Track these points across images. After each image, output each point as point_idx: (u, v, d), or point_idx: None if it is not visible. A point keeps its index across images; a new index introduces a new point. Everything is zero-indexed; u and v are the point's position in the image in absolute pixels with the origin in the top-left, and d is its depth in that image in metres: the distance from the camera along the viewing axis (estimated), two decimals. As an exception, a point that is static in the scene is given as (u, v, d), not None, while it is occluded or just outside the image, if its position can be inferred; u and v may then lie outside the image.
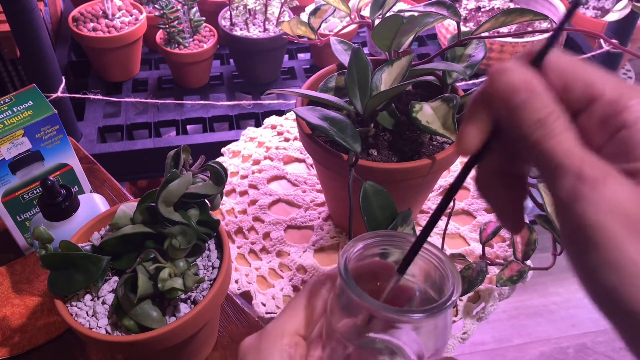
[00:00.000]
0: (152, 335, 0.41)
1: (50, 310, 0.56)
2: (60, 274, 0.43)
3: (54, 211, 0.49)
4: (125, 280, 0.43)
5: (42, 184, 0.48)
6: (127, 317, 0.42)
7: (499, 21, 0.55)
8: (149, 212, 0.44)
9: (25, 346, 0.54)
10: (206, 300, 0.42)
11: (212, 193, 0.44)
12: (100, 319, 0.43)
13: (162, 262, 0.43)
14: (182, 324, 0.41)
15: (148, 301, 0.42)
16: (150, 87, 1.14)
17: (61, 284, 0.43)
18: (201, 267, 0.46)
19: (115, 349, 0.43)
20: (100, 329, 0.42)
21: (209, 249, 0.47)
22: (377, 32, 0.55)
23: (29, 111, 0.54)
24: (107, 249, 0.44)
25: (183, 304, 0.44)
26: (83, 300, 0.44)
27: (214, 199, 0.45)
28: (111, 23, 1.05)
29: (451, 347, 0.58)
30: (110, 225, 0.46)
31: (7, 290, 0.58)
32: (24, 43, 0.83)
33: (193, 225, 0.43)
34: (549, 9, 1.20)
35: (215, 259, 0.46)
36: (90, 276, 0.43)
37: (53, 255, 0.42)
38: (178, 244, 0.43)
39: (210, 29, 1.09)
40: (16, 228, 0.59)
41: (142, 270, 0.42)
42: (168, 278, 0.41)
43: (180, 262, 0.43)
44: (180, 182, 0.42)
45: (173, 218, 0.42)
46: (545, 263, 0.57)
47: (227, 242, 0.46)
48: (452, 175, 0.73)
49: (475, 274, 0.56)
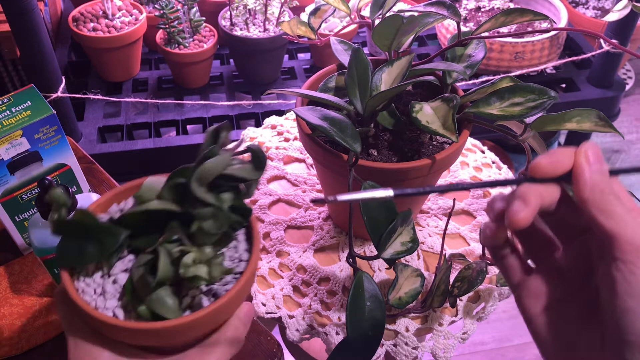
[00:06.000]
0: (164, 326, 0.36)
1: (48, 310, 0.56)
2: (71, 243, 0.39)
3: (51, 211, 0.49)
4: (144, 261, 0.39)
5: (39, 183, 0.48)
6: (140, 302, 0.38)
7: (499, 21, 0.55)
8: (178, 190, 0.40)
9: (23, 346, 0.54)
10: (230, 295, 0.38)
11: (250, 178, 0.40)
12: (109, 300, 0.38)
13: (187, 246, 0.38)
14: (199, 318, 0.37)
15: (166, 288, 0.38)
16: (150, 87, 1.13)
17: (71, 254, 0.38)
18: (227, 258, 0.41)
19: (119, 335, 0.37)
20: (107, 310, 0.38)
21: (237, 240, 0.43)
22: (377, 32, 0.55)
23: (28, 111, 0.54)
24: (127, 223, 0.40)
25: (203, 297, 0.39)
26: (92, 277, 0.39)
27: (251, 185, 0.41)
28: (111, 23, 1.05)
29: (451, 347, 0.58)
30: (134, 197, 0.41)
31: (6, 290, 0.58)
32: (24, 43, 0.83)
33: (226, 210, 0.39)
34: (548, 9, 1.19)
35: (243, 251, 0.42)
36: (104, 249, 0.38)
37: (66, 221, 0.38)
38: (208, 228, 0.38)
39: (210, 29, 1.09)
40: (14, 228, 0.59)
41: (164, 251, 0.38)
42: (192, 264, 0.37)
43: (207, 249, 0.39)
44: (219, 161, 0.38)
45: (206, 199, 0.38)
46: (546, 263, 0.57)
47: (258, 234, 0.42)
48: (452, 175, 0.73)
49: (475, 274, 0.56)
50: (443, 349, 0.57)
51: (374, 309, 0.47)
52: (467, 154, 0.77)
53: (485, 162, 0.76)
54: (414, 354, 0.57)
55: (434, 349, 0.57)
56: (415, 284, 0.54)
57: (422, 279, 0.55)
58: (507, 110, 0.50)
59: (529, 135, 0.52)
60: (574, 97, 1.15)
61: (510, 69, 1.08)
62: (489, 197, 0.71)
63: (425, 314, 0.58)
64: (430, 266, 0.63)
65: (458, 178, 0.73)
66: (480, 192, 0.71)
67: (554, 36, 1.07)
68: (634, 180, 1.63)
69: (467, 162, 0.76)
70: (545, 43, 1.07)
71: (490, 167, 0.76)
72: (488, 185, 0.35)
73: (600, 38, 0.57)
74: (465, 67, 0.57)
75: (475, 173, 0.74)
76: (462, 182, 0.33)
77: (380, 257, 0.48)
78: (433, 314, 0.58)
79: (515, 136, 0.52)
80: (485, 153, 0.78)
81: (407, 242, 0.49)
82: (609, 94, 1.16)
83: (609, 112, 1.20)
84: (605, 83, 1.16)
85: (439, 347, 0.57)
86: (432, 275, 0.61)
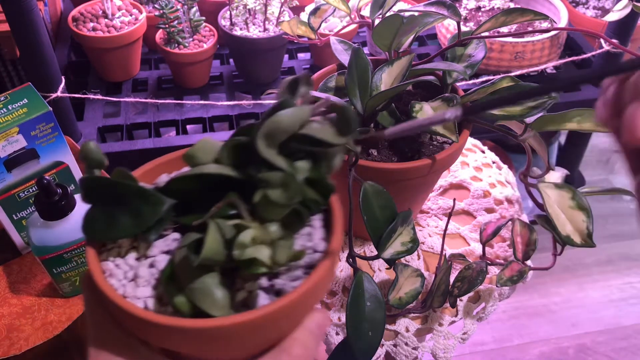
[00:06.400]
0: (205, 325, 0.26)
1: (47, 310, 0.56)
2: (102, 211, 0.30)
3: (50, 210, 0.49)
4: (190, 240, 0.29)
5: (37, 182, 0.47)
6: (179, 292, 0.29)
7: (499, 21, 0.55)
8: (241, 152, 0.31)
9: (22, 346, 0.54)
10: (297, 294, 0.28)
11: (335, 143, 0.30)
12: (141, 287, 0.30)
13: (246, 220, 0.29)
14: (253, 321, 0.27)
15: (214, 274, 0.29)
16: (150, 87, 1.13)
17: (99, 224, 0.30)
18: (297, 247, 0.32)
19: (148, 333, 0.29)
20: (138, 300, 0.29)
21: (312, 226, 0.33)
22: (377, 32, 0.55)
23: (24, 109, 0.54)
24: (174, 192, 0.31)
25: (262, 293, 0.29)
26: (125, 257, 0.31)
27: (335, 155, 0.32)
28: (111, 23, 1.05)
29: (451, 347, 0.58)
30: (183, 158, 0.32)
31: (4, 290, 0.58)
32: (24, 43, 0.83)
33: (300, 180, 0.30)
34: (549, 8, 1.19)
35: (319, 240, 0.32)
36: (141, 221, 0.30)
37: (97, 180, 0.30)
38: (275, 198, 0.29)
39: (210, 29, 1.09)
40: (12, 227, 0.59)
41: (214, 225, 0.29)
42: (250, 244, 0.28)
43: (272, 226, 0.30)
44: (295, 114, 0.30)
45: (274, 162, 0.29)
46: (546, 263, 0.56)
47: (340, 219, 0.32)
48: (453, 175, 0.73)
49: (475, 274, 0.56)
50: (443, 349, 0.57)
51: (374, 309, 0.47)
52: (468, 153, 0.77)
53: (486, 162, 0.76)
54: (414, 354, 0.57)
55: (434, 349, 0.57)
56: (416, 284, 0.54)
57: (422, 279, 0.55)
58: (507, 110, 0.50)
59: (529, 135, 0.52)
60: (574, 97, 1.14)
61: (511, 68, 1.08)
62: (489, 196, 0.71)
63: (426, 314, 0.58)
64: (430, 266, 0.63)
65: (458, 178, 0.73)
66: (480, 192, 0.71)
67: (554, 36, 1.07)
68: (634, 181, 1.62)
69: (468, 162, 0.75)
70: (545, 43, 1.07)
71: (490, 167, 0.76)
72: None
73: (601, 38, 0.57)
74: (466, 67, 0.57)
75: (476, 173, 0.74)
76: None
77: (380, 257, 0.48)
78: (433, 314, 0.58)
79: (516, 136, 0.52)
80: (485, 153, 0.78)
81: (407, 242, 0.49)
82: (609, 94, 1.15)
83: (609, 112, 1.19)
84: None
85: (439, 347, 0.57)
86: (432, 275, 0.61)
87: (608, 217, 1.54)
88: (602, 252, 1.47)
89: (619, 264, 1.45)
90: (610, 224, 1.53)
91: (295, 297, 0.28)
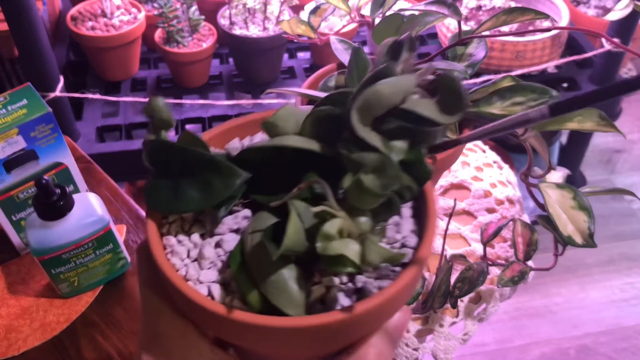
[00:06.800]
0: (283, 325, 0.24)
1: (46, 311, 0.56)
2: (167, 179, 0.27)
3: (48, 210, 0.49)
4: (265, 224, 0.26)
5: (36, 183, 0.47)
6: (251, 285, 0.25)
7: (500, 20, 0.54)
8: (327, 125, 0.27)
9: (20, 347, 0.53)
10: (383, 297, 0.25)
11: (439, 121, 0.26)
12: (206, 269, 0.27)
13: (332, 207, 0.25)
14: (332, 324, 0.24)
15: (291, 266, 0.26)
16: (149, 86, 1.13)
17: (164, 194, 0.27)
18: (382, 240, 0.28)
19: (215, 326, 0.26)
20: (201, 285, 0.26)
21: (401, 215, 0.29)
22: (378, 31, 0.54)
23: (24, 110, 0.54)
24: (248, 163, 0.27)
25: (341, 294, 0.26)
26: (189, 233, 0.28)
27: (436, 134, 0.27)
28: (110, 22, 1.05)
29: (452, 348, 0.57)
30: (262, 126, 0.28)
31: (2, 291, 0.58)
32: (22, 42, 0.83)
33: (397, 163, 0.25)
34: (550, 7, 1.19)
35: (408, 233, 0.28)
36: (212, 195, 0.26)
37: (164, 144, 0.27)
38: (369, 186, 0.24)
39: (210, 28, 1.09)
40: (11, 228, 0.58)
41: (296, 211, 0.25)
42: (336, 236, 0.24)
43: (363, 217, 0.25)
44: (397, 84, 0.25)
45: (369, 140, 0.25)
46: (547, 264, 0.56)
47: (434, 211, 0.28)
48: (453, 175, 0.73)
49: (476, 275, 0.56)
50: (444, 350, 0.57)
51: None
52: (468, 153, 0.77)
53: (487, 162, 0.76)
54: (415, 355, 0.56)
55: (435, 350, 0.57)
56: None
57: (422, 279, 0.54)
58: (508, 110, 0.50)
59: (530, 134, 0.51)
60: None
61: (512, 68, 1.08)
62: (490, 197, 0.71)
63: (426, 315, 0.58)
64: (431, 267, 0.63)
65: (459, 178, 0.73)
66: (481, 192, 0.71)
67: (555, 35, 1.06)
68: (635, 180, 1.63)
69: (468, 162, 0.75)
70: (546, 42, 1.06)
71: (491, 167, 0.75)
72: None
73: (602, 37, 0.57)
74: (466, 67, 0.57)
75: (477, 173, 0.74)
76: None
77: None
78: (434, 315, 0.58)
79: (517, 136, 0.52)
80: (486, 153, 0.78)
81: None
82: (610, 94, 1.15)
83: (610, 111, 1.19)
84: (607, 82, 1.16)
85: (439, 348, 0.57)
86: (432, 276, 0.61)
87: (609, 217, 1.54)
88: (603, 253, 1.47)
89: (620, 264, 1.45)
90: (612, 224, 1.53)
91: (380, 302, 0.24)
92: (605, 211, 1.55)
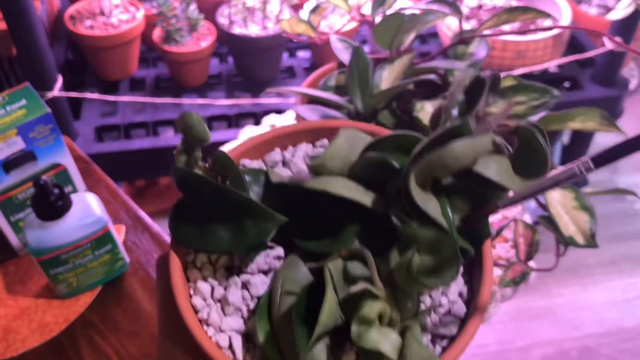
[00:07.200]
0: None
1: (44, 311, 0.56)
2: (196, 213, 0.26)
3: (46, 210, 0.49)
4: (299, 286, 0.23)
5: (35, 183, 0.47)
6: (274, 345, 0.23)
7: (502, 19, 0.54)
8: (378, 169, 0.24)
9: (19, 348, 0.53)
10: None
11: (512, 188, 0.22)
12: (229, 316, 0.24)
13: (376, 284, 0.21)
14: None
15: (325, 339, 0.23)
16: (147, 85, 1.13)
17: (192, 232, 0.25)
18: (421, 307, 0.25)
19: None
20: (222, 334, 0.24)
21: None
22: (378, 30, 0.54)
23: (23, 110, 0.54)
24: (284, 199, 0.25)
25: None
26: (215, 269, 0.26)
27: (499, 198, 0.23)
28: (108, 21, 1.04)
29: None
30: (311, 164, 0.25)
31: (1, 291, 0.57)
32: (21, 42, 0.83)
33: (454, 234, 0.22)
34: (551, 6, 1.18)
35: (456, 298, 0.25)
36: (243, 238, 0.24)
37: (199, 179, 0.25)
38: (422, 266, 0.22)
39: (209, 27, 1.08)
40: (10, 228, 0.58)
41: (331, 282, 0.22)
42: (375, 321, 0.21)
43: (409, 303, 0.22)
44: (471, 146, 0.21)
45: (426, 209, 0.22)
46: (548, 264, 0.56)
47: (491, 274, 0.25)
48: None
49: (477, 276, 0.55)
50: (444, 352, 0.57)
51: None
52: (469, 153, 0.76)
53: (487, 162, 0.76)
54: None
55: (436, 352, 0.56)
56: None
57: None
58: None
59: (532, 134, 0.51)
60: (577, 96, 1.14)
61: (513, 67, 1.07)
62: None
63: (427, 316, 0.58)
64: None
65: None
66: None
67: (557, 34, 1.06)
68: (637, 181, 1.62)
69: (469, 162, 0.75)
70: (548, 41, 1.06)
71: (492, 167, 0.75)
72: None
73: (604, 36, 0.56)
74: (468, 66, 0.56)
75: (477, 173, 0.73)
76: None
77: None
78: (434, 316, 0.58)
79: (519, 135, 0.52)
80: (487, 153, 0.77)
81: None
82: (612, 93, 1.15)
83: (612, 111, 1.19)
84: (609, 82, 1.15)
85: (440, 350, 0.56)
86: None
87: (611, 218, 1.54)
88: (605, 253, 1.46)
89: (622, 264, 1.44)
90: (614, 225, 1.52)
91: None
92: (607, 211, 1.54)
